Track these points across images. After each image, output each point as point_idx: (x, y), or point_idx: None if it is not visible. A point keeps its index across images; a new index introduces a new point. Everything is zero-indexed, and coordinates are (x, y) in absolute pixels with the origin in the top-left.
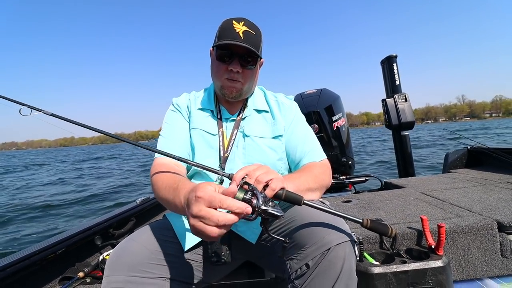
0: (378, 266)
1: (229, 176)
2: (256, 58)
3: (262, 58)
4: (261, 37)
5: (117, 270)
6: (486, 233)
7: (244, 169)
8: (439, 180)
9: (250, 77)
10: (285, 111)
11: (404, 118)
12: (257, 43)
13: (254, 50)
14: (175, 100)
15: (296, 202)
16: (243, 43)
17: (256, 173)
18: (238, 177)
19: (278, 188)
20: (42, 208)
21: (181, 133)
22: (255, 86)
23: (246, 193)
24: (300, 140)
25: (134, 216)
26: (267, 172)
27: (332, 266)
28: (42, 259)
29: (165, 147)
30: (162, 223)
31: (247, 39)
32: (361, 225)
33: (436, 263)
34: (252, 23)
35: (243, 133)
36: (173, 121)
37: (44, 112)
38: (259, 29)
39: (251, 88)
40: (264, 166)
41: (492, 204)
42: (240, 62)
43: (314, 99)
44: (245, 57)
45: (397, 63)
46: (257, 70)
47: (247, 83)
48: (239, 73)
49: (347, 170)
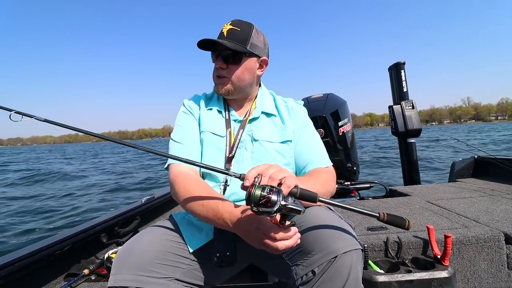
0: (382, 275)
1: (240, 176)
2: (241, 53)
3: (262, 56)
4: (250, 32)
5: (124, 269)
6: (493, 245)
7: (256, 168)
8: (445, 189)
9: (237, 72)
10: (294, 116)
11: (411, 126)
12: (242, 38)
13: (231, 46)
14: (186, 102)
15: (311, 200)
16: (220, 40)
17: (269, 171)
18: (251, 176)
19: (292, 185)
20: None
21: (194, 137)
22: (251, 83)
23: (263, 189)
24: (307, 146)
25: (139, 215)
26: (280, 170)
27: (339, 274)
28: (49, 255)
29: (180, 153)
30: (169, 223)
31: (229, 36)
32: (378, 219)
33: (442, 273)
34: (240, 21)
35: (251, 137)
36: (185, 124)
37: (36, 118)
38: (249, 26)
39: (244, 85)
40: (275, 165)
41: (499, 216)
42: (224, 59)
43: (320, 103)
44: (227, 53)
45: (405, 70)
46: (249, 66)
47: (235, 80)
48: (224, 69)
49: (352, 176)
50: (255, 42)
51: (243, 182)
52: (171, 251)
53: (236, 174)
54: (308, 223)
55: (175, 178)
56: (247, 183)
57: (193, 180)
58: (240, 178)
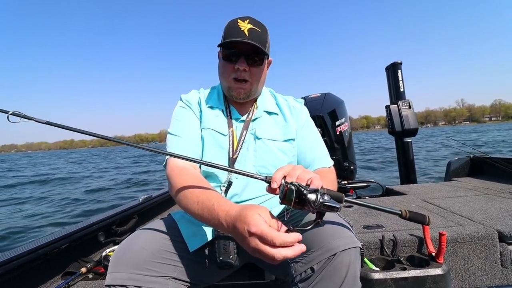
0: (378, 272)
1: (266, 178)
2: (263, 56)
3: (270, 57)
4: (267, 34)
5: (121, 267)
6: (487, 243)
7: (281, 170)
8: (440, 188)
9: (257, 76)
10: (296, 115)
11: (408, 125)
12: (263, 41)
13: (261, 47)
14: (184, 97)
15: (338, 200)
16: (248, 40)
17: (296, 172)
18: (279, 178)
19: (319, 186)
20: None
21: (194, 131)
22: (262, 86)
23: (299, 188)
24: (310, 145)
25: (136, 213)
26: (306, 171)
27: (337, 271)
28: (46, 254)
29: (178, 146)
30: (167, 221)
31: (252, 36)
32: (400, 217)
33: (436, 271)
34: (257, 21)
35: (254, 135)
36: (184, 118)
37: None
38: (265, 27)
39: (259, 88)
40: (299, 166)
41: (493, 214)
42: (247, 61)
43: (318, 103)
44: (251, 55)
45: (401, 70)
46: (265, 69)
47: (255, 83)
48: (246, 71)
49: (349, 175)
50: (269, 44)
51: (270, 185)
52: (169, 249)
53: (261, 176)
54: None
55: (171, 172)
56: (275, 185)
57: (190, 174)
58: (266, 181)
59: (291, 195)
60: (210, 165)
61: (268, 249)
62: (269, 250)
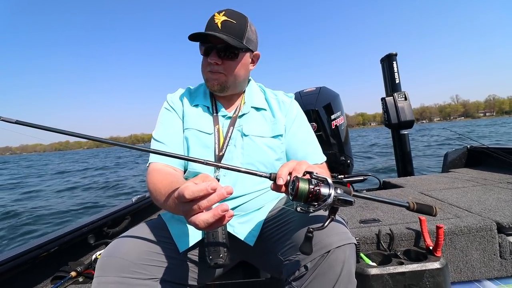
0: (374, 267)
1: (270, 175)
2: (238, 48)
3: (255, 51)
4: (245, 25)
5: (107, 271)
6: (485, 234)
7: (286, 166)
8: (438, 179)
9: (232, 69)
10: (285, 110)
11: (404, 117)
12: (238, 32)
13: (232, 38)
14: (169, 97)
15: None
16: (213, 33)
17: (302, 167)
18: (285, 174)
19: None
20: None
21: (177, 136)
22: (244, 79)
23: (310, 182)
24: (302, 141)
25: (129, 214)
26: (311, 166)
27: (332, 269)
28: (35, 258)
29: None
30: (156, 222)
31: (225, 29)
32: (407, 209)
33: (434, 264)
34: (234, 12)
35: (241, 132)
36: (167, 121)
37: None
38: (243, 17)
39: (239, 82)
40: (303, 160)
41: (491, 205)
42: (219, 54)
43: (313, 97)
44: (223, 48)
45: (397, 61)
46: (244, 61)
47: (231, 76)
48: (219, 65)
49: (346, 169)
50: (250, 36)
51: (276, 182)
52: (158, 251)
53: (265, 174)
54: (300, 218)
55: (148, 175)
56: (281, 181)
57: (162, 173)
58: (271, 178)
59: (304, 190)
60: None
61: (189, 216)
62: (190, 217)
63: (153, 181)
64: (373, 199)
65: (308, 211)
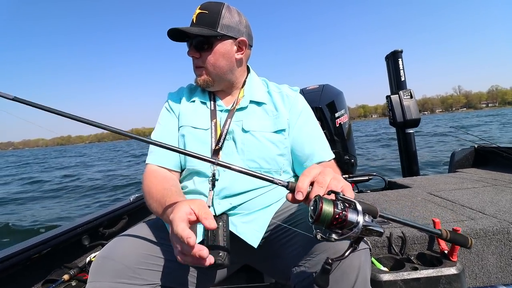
0: (387, 273)
1: (288, 185)
2: (213, 37)
3: (239, 37)
4: (219, 13)
5: (102, 276)
6: (502, 238)
7: (307, 175)
8: (446, 180)
9: (211, 59)
10: (289, 104)
11: (409, 116)
12: (210, 21)
13: (198, 30)
14: (170, 96)
15: (373, 215)
16: (184, 28)
17: (326, 179)
18: (305, 187)
19: (352, 198)
20: None
21: (174, 137)
22: (231, 69)
23: (335, 205)
24: (308, 136)
25: (127, 214)
26: (336, 177)
27: (346, 276)
28: (25, 260)
29: (158, 154)
30: (154, 223)
31: (198, 21)
32: (439, 237)
33: (450, 270)
34: (210, 3)
35: (241, 128)
36: (165, 122)
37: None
38: (217, 5)
39: (223, 72)
40: (327, 169)
41: (505, 206)
42: (196, 47)
43: (316, 95)
44: (197, 40)
45: (402, 58)
46: (223, 50)
47: (210, 67)
48: (198, 58)
49: (350, 169)
50: (227, 22)
51: (294, 195)
52: (156, 254)
53: (282, 182)
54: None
55: (144, 177)
56: (300, 197)
57: (156, 177)
58: (288, 188)
59: (328, 215)
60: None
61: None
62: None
63: (148, 184)
64: (402, 222)
65: (329, 240)
